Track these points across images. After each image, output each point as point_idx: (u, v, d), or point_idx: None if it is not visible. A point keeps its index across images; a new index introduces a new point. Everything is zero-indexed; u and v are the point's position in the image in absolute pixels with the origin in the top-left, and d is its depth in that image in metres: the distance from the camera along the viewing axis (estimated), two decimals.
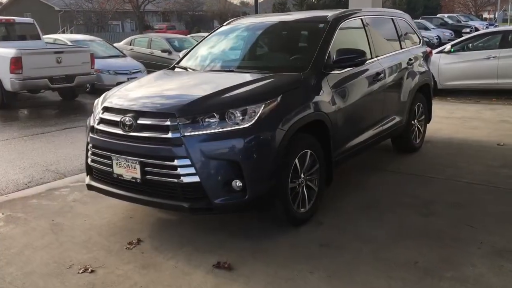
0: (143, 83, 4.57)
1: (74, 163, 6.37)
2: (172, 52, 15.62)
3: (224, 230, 4.02)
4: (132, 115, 3.71)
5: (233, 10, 54.59)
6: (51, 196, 5.03)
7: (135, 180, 3.71)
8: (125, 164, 3.74)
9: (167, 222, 4.29)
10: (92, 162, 4.05)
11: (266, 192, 3.65)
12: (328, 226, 4.05)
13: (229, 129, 3.52)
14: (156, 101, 3.92)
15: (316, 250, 3.65)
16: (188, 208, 3.55)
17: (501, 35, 10.62)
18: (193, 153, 3.48)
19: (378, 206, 4.45)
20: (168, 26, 45.77)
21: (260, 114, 3.59)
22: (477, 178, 5.13)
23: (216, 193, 3.53)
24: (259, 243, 3.79)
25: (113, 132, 3.83)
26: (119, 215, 4.43)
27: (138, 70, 13.83)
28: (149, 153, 3.62)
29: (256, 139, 3.54)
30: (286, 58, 4.70)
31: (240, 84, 3.97)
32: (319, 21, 4.83)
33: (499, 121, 8.11)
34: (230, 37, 5.31)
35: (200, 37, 18.40)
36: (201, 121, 3.56)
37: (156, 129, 3.64)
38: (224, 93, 3.83)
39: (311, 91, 4.07)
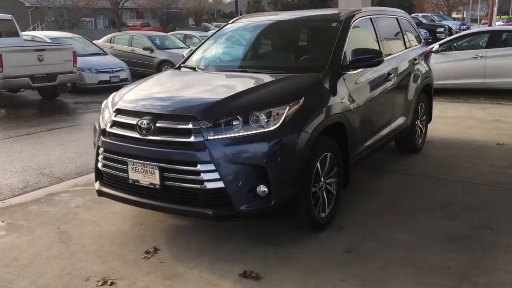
0: (154, 84, 4.38)
1: (68, 166, 6.11)
2: (155, 50, 15.33)
3: (242, 237, 3.87)
4: (149, 118, 3.52)
5: (209, 7, 54.21)
6: (52, 202, 4.79)
7: (153, 186, 3.53)
8: (142, 169, 3.55)
9: (181, 228, 4.12)
10: (104, 167, 3.84)
11: (291, 197, 3.52)
12: (349, 231, 3.95)
13: (254, 132, 3.38)
14: (174, 103, 3.73)
15: (343, 256, 3.54)
16: (212, 215, 3.39)
17: (488, 34, 10.75)
18: (217, 158, 3.32)
19: (395, 209, 4.38)
20: (143, 24, 45.13)
21: (285, 117, 3.46)
22: (487, 179, 5.11)
23: (241, 199, 3.38)
24: (282, 249, 3.66)
25: (129, 136, 3.64)
26: (128, 222, 4.23)
27: (121, 68, 13.52)
28: (169, 158, 3.44)
29: (281, 143, 3.41)
30: (301, 58, 4.58)
31: (260, 86, 3.84)
32: (332, 20, 4.73)
33: (492, 121, 8.17)
34: (238, 36, 5.16)
35: (182, 35, 18.19)
36: (224, 124, 3.41)
37: (176, 133, 3.47)
38: (245, 95, 3.68)
39: (330, 92, 3.96)
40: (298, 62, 4.53)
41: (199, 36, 18.21)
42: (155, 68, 15.21)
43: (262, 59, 4.78)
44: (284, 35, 4.96)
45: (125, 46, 15.98)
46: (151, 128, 3.49)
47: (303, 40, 4.92)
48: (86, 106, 11.12)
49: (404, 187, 4.97)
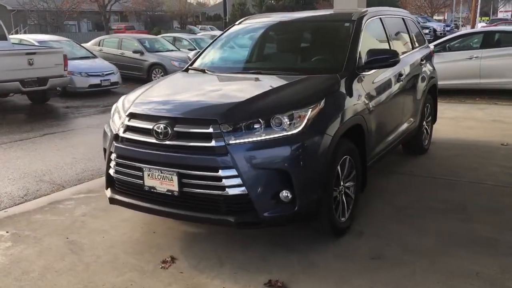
0: (166, 86, 4.23)
1: (68, 173, 5.92)
2: (145, 52, 15.13)
3: (260, 243, 3.75)
4: (166, 122, 3.38)
5: (194, 10, 53.97)
6: (56, 210, 4.61)
7: (171, 193, 3.39)
8: (159, 175, 3.40)
9: (195, 235, 3.98)
10: (117, 173, 3.68)
11: (315, 202, 3.41)
12: (369, 236, 3.85)
13: (277, 136, 3.26)
14: (192, 106, 3.60)
15: (369, 263, 3.43)
16: (235, 222, 3.26)
17: (482, 35, 10.79)
18: (239, 163, 3.20)
19: (411, 213, 4.29)
20: (127, 26, 44.72)
21: (308, 119, 3.35)
22: (499, 180, 5.07)
23: (264, 205, 3.26)
24: (304, 256, 3.54)
25: (144, 141, 3.49)
26: (139, 230, 4.08)
27: (111, 71, 13.31)
28: (188, 163, 3.31)
29: (305, 146, 3.30)
30: (315, 59, 4.47)
31: (279, 88, 3.73)
32: (344, 20, 4.64)
33: (492, 121, 8.17)
34: (246, 37, 5.04)
35: (171, 38, 18.01)
36: (245, 128, 3.28)
37: (196, 137, 3.33)
38: (265, 98, 3.56)
39: (349, 94, 3.86)
40: (313, 63, 4.42)
41: (188, 39, 18.04)
42: (145, 71, 15.03)
43: (275, 61, 4.65)
44: (295, 36, 4.85)
45: (115, 49, 15.75)
46: (169, 133, 3.35)
47: (315, 41, 4.81)
48: (77, 110, 10.89)
49: (415, 189, 4.89)
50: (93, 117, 10.01)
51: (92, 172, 5.94)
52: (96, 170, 5.99)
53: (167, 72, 14.54)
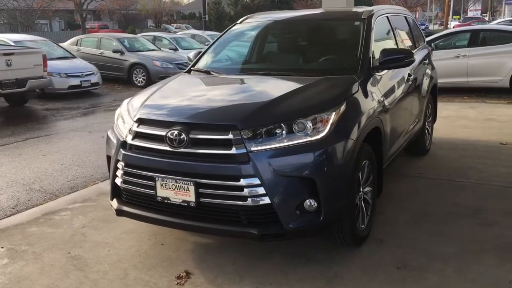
0: (174, 90, 3.98)
1: (59, 180, 5.61)
2: (125, 52, 14.74)
3: (277, 254, 3.55)
4: (181, 128, 3.14)
5: (168, 9, 53.31)
6: (53, 222, 4.32)
7: (187, 204, 3.16)
8: (173, 185, 3.17)
9: (207, 247, 3.76)
10: (125, 183, 3.43)
11: (340, 211, 3.23)
12: (390, 244, 3.69)
13: (301, 141, 3.07)
14: (208, 111, 3.37)
15: (395, 274, 3.27)
16: (258, 235, 3.05)
17: (469, 34, 10.81)
18: (262, 171, 2.99)
19: (428, 218, 4.15)
20: (101, 26, 43.87)
21: (331, 123, 3.17)
22: (508, 181, 4.99)
23: (289, 215, 3.07)
24: (327, 268, 3.36)
25: (156, 148, 3.25)
26: (146, 242, 3.84)
27: (91, 72, 12.93)
28: (206, 172, 3.08)
29: (330, 152, 3.11)
30: (328, 59, 4.28)
31: (297, 90, 3.53)
32: (353, 19, 4.48)
33: (486, 120, 8.15)
34: (250, 36, 4.82)
35: (151, 37, 17.62)
36: (267, 134, 3.08)
37: (214, 144, 3.11)
38: (285, 101, 3.36)
39: (366, 95, 3.69)
40: (325, 63, 4.23)
41: (169, 38, 17.69)
42: (126, 71, 14.65)
43: (284, 61, 4.44)
44: (304, 35, 4.66)
45: (93, 48, 15.31)
46: (184, 140, 3.12)
47: (325, 40, 4.61)
48: (58, 112, 10.49)
49: (426, 193, 4.77)
50: (76, 120, 9.63)
51: (84, 179, 5.64)
52: (89, 177, 5.70)
53: (149, 73, 14.22)
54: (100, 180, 5.55)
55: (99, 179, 5.63)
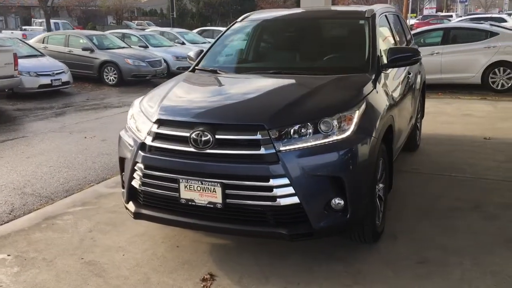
0: (188, 89, 3.92)
1: (51, 183, 5.43)
2: (95, 50, 14.38)
3: (298, 252, 3.56)
4: (206, 128, 3.10)
5: (130, 5, 52.32)
6: (56, 226, 4.18)
7: (213, 205, 3.12)
8: (199, 187, 3.12)
9: (225, 248, 3.72)
10: (144, 185, 3.35)
11: (364, 208, 3.27)
12: (405, 239, 3.75)
13: (328, 140, 3.08)
14: (232, 111, 3.33)
15: (417, 268, 3.34)
16: (288, 235, 3.05)
17: (442, 32, 11.11)
18: (292, 171, 2.98)
19: (434, 212, 4.25)
20: None
21: (356, 122, 3.20)
22: (500, 175, 5.16)
23: (317, 215, 3.07)
24: (349, 265, 3.39)
25: (179, 150, 3.19)
26: (161, 245, 3.77)
27: (62, 70, 12.58)
28: (234, 173, 3.05)
29: (356, 151, 3.14)
30: (337, 58, 4.30)
31: (316, 89, 3.53)
32: (357, 18, 4.52)
33: (464, 115, 8.41)
34: (255, 35, 4.78)
35: (120, 34, 17.27)
36: (294, 133, 3.07)
37: (241, 145, 3.08)
38: (308, 100, 3.36)
39: (380, 93, 3.75)
40: (335, 62, 4.26)
41: (138, 35, 17.38)
42: (96, 69, 14.31)
43: (294, 60, 4.42)
44: (309, 34, 4.65)
45: (61, 46, 14.85)
46: (210, 141, 3.08)
47: (332, 39, 4.64)
48: (32, 113, 10.14)
49: (426, 188, 4.88)
50: (51, 120, 9.34)
51: (78, 181, 5.49)
52: (82, 180, 5.55)
53: (120, 71, 13.94)
54: (95, 182, 5.41)
55: (93, 181, 5.49)
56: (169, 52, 16.23)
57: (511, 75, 10.39)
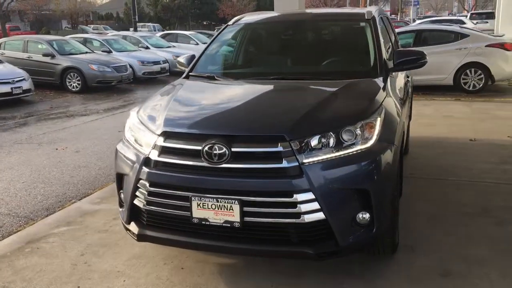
0: (192, 98, 3.63)
1: (28, 201, 5.01)
2: (56, 56, 13.75)
3: (313, 269, 3.32)
4: (221, 141, 2.83)
5: (85, 9, 50.95)
6: (42, 251, 3.80)
7: (229, 224, 2.85)
8: (214, 205, 2.85)
9: (234, 268, 3.44)
10: (149, 204, 3.04)
11: (388, 220, 3.07)
12: (423, 251, 3.57)
13: (352, 151, 2.87)
14: (248, 121, 3.06)
15: (442, 282, 3.16)
16: (315, 254, 2.81)
17: (414, 34, 11.17)
18: (317, 185, 2.76)
19: (444, 219, 4.11)
20: (11, 27, 41.09)
21: (378, 130, 3.00)
22: (498, 178, 5.10)
23: (344, 231, 2.86)
24: (370, 282, 3.18)
25: (191, 165, 2.91)
26: (163, 267, 3.46)
27: (22, 78, 11.94)
28: (254, 189, 2.79)
29: (380, 160, 2.94)
30: (342, 62, 4.10)
31: (331, 96, 3.32)
32: (357, 20, 4.35)
33: (444, 117, 8.42)
34: (251, 38, 4.53)
35: (81, 39, 16.64)
36: (317, 144, 2.85)
37: (260, 158, 2.83)
38: (326, 108, 3.13)
39: (392, 98, 3.58)
40: (342, 66, 4.06)
41: (101, 40, 16.79)
42: (58, 76, 13.68)
43: (297, 65, 4.18)
44: (310, 37, 4.44)
45: (20, 52, 14.13)
46: (225, 154, 2.81)
47: (334, 42, 4.43)
48: None
49: (428, 193, 4.75)
50: (16, 131, 8.77)
51: (57, 198, 5.08)
52: (62, 196, 5.15)
53: (84, 77, 13.37)
54: (77, 199, 5.02)
55: (74, 197, 5.10)
56: (133, 56, 15.76)
57: (482, 76, 10.53)
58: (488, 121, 7.95)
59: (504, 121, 7.96)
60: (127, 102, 12.08)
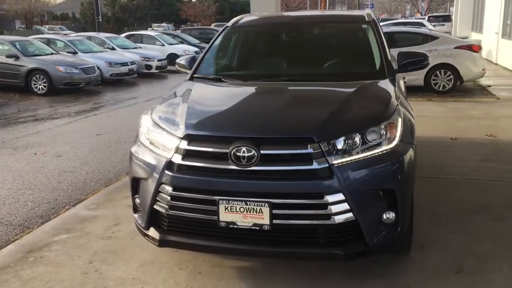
0: (209, 100, 3.58)
1: (19, 208, 4.81)
2: (21, 57, 13.26)
3: (331, 272, 3.33)
4: (249, 143, 2.80)
5: (40, 9, 49.40)
6: (46, 259, 3.65)
7: (259, 227, 2.83)
8: (242, 208, 2.82)
9: (252, 271, 3.40)
10: (173, 209, 2.98)
11: (409, 219, 3.13)
12: (433, 249, 3.65)
13: (378, 151, 2.91)
14: (275, 123, 3.04)
15: (458, 279, 3.24)
16: (345, 255, 2.83)
17: (386, 36, 11.37)
18: (347, 186, 2.77)
19: (446, 217, 4.22)
20: None
21: (400, 130, 3.06)
22: (486, 175, 5.29)
23: (372, 231, 2.89)
24: (393, 282, 3.22)
25: (218, 168, 2.87)
26: (179, 272, 3.40)
27: None
28: (284, 191, 2.79)
29: (404, 160, 3.00)
30: (350, 64, 4.15)
31: (350, 97, 3.35)
32: (357, 22, 4.40)
33: (420, 116, 8.48)
34: (255, 40, 4.51)
35: (45, 39, 16.11)
36: (343, 145, 2.87)
37: (290, 160, 2.82)
38: (348, 109, 3.16)
39: (403, 99, 3.65)
40: (350, 68, 4.10)
41: (65, 41, 16.32)
42: (22, 78, 13.19)
43: (305, 67, 4.16)
44: (315, 39, 4.46)
45: None
46: (254, 157, 2.79)
47: (339, 44, 4.44)
48: None
49: (425, 192, 4.84)
50: None
51: (49, 205, 4.91)
52: (53, 202, 4.98)
53: (51, 79, 12.95)
54: (71, 205, 4.86)
55: (67, 203, 4.94)
56: (100, 58, 15.39)
57: (451, 76, 10.87)
58: (463, 121, 8.21)
59: (478, 120, 8.24)
60: (97, 104, 11.79)
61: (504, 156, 6.05)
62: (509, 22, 15.57)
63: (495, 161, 5.81)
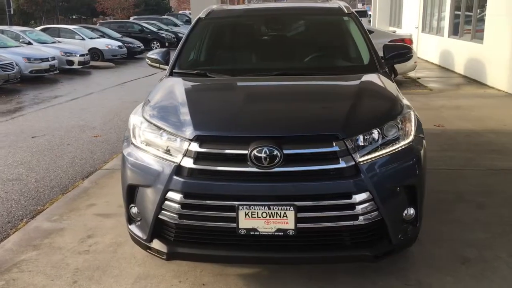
0: (209, 98, 3.30)
1: None
2: None
3: (341, 273, 3.21)
4: (270, 143, 2.59)
5: None
6: (21, 283, 3.20)
7: (283, 232, 2.63)
8: (265, 213, 2.60)
9: (258, 279, 3.18)
10: (183, 218, 2.69)
11: (422, 214, 3.08)
12: (429, 241, 3.61)
13: (398, 146, 2.83)
14: (297, 120, 2.84)
15: (468, 269, 3.24)
16: (373, 256, 2.71)
17: None
18: (374, 184, 2.65)
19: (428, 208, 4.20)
20: None
21: (414, 124, 3.00)
22: (450, 164, 5.44)
23: (396, 229, 2.80)
24: (404, 278, 3.15)
25: (237, 171, 2.63)
26: (180, 286, 3.10)
27: None
28: (310, 193, 2.61)
29: (420, 154, 2.94)
30: (342, 57, 4.03)
31: (359, 91, 3.21)
32: (337, 14, 4.27)
33: None
34: (235, 33, 4.25)
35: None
36: (365, 141, 2.74)
37: (315, 159, 2.64)
38: (363, 103, 3.03)
39: None
40: (341, 61, 3.98)
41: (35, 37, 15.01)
42: None
43: (294, 60, 3.93)
44: (297, 32, 4.28)
45: None
46: (277, 157, 2.58)
47: (323, 37, 4.24)
48: None
49: None
50: None
51: (3, 218, 4.38)
52: (7, 215, 4.49)
53: None
54: (29, 217, 4.37)
55: (23, 215, 4.46)
56: (17, 53, 14.25)
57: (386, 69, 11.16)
58: None
59: (421, 111, 8.42)
60: (21, 104, 10.89)
61: (458, 144, 6.27)
62: (428, 17, 16.40)
63: (452, 150, 6.00)
